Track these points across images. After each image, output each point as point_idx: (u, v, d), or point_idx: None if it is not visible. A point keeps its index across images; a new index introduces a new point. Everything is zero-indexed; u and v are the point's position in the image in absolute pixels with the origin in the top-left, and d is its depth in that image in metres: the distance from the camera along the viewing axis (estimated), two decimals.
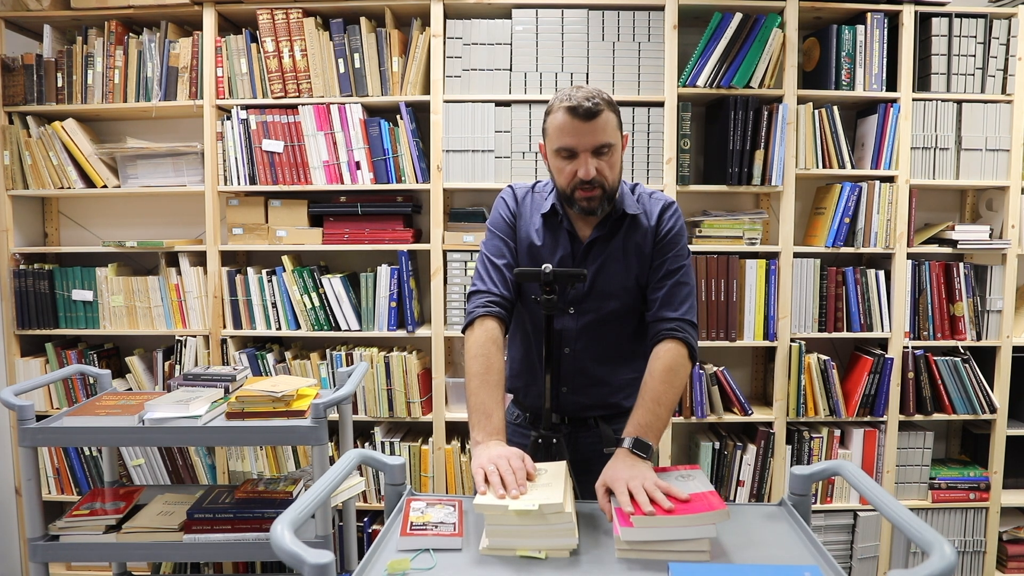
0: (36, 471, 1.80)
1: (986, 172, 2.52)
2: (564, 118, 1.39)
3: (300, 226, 2.55)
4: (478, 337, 1.44)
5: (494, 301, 1.48)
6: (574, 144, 1.39)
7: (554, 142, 1.42)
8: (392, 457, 1.26)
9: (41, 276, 2.56)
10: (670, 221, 1.52)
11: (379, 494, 2.58)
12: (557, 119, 1.40)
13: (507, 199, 1.58)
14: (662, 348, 1.44)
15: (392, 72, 2.46)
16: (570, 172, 1.42)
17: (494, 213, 1.58)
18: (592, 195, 1.42)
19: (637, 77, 2.46)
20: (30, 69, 2.52)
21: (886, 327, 2.53)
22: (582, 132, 1.38)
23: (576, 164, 1.41)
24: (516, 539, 1.10)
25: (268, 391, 1.83)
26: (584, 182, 1.41)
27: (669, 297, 1.47)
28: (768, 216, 2.61)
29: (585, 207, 1.44)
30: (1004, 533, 2.64)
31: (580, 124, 1.38)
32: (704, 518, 1.08)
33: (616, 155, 1.44)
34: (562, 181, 1.45)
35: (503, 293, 1.49)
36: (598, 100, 1.38)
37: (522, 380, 1.61)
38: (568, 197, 1.45)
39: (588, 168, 1.39)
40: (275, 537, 0.88)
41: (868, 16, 2.44)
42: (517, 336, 1.62)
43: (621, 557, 1.09)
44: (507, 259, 1.52)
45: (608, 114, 1.40)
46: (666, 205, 1.54)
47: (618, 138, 1.44)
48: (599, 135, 1.39)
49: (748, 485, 2.55)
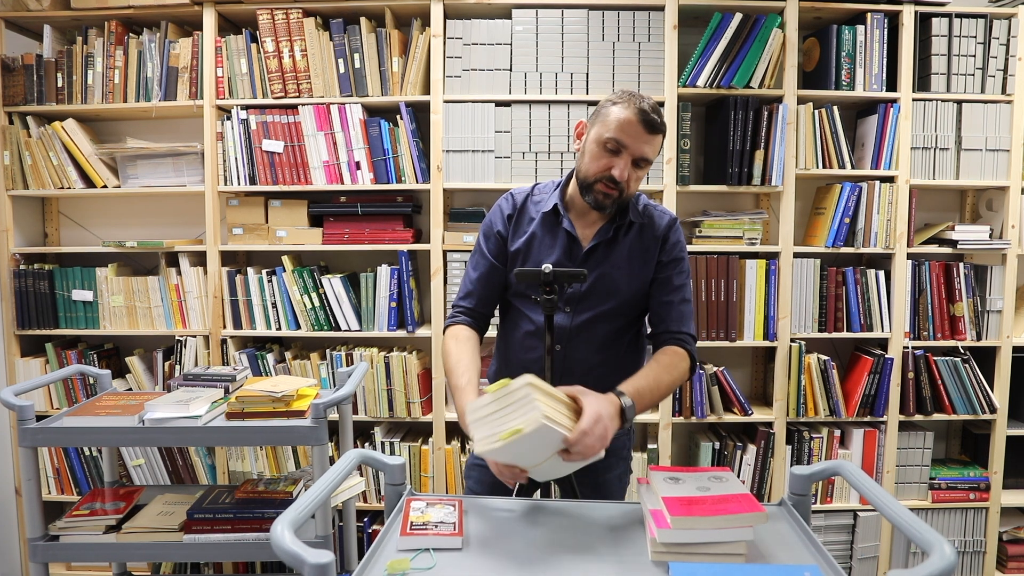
0: (36, 471, 1.80)
1: (986, 172, 2.52)
2: (632, 117, 1.42)
3: (300, 226, 2.55)
4: (444, 340, 1.57)
5: (464, 313, 1.60)
6: (628, 144, 1.44)
7: (609, 131, 1.44)
8: (392, 457, 1.27)
9: (41, 276, 2.56)
10: (675, 236, 1.58)
11: (379, 494, 2.58)
12: (624, 113, 1.43)
13: (504, 208, 1.62)
14: (669, 349, 1.51)
15: (392, 72, 2.46)
16: (605, 165, 1.46)
17: (487, 220, 1.63)
18: (611, 193, 1.47)
19: (637, 77, 2.46)
20: (30, 69, 2.52)
21: (886, 327, 2.53)
22: (640, 138, 1.43)
23: (616, 161, 1.45)
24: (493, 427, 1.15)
25: (268, 391, 1.83)
26: (612, 180, 1.45)
27: (676, 315, 1.54)
28: (768, 216, 2.61)
29: (600, 201, 1.48)
30: (1004, 533, 2.64)
31: (642, 131, 1.43)
32: (741, 519, 1.07)
33: (645, 172, 1.51)
34: (592, 168, 1.47)
35: (471, 307, 1.60)
36: (663, 120, 1.46)
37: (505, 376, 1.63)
38: (588, 185, 1.49)
39: (624, 171, 1.44)
40: (275, 537, 0.87)
41: (868, 16, 2.44)
42: (506, 334, 1.65)
43: (656, 560, 1.08)
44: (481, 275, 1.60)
45: (662, 137, 1.48)
46: (672, 220, 1.59)
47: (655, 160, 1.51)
48: (649, 148, 1.45)
49: (748, 485, 2.55)
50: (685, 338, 1.52)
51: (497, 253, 1.59)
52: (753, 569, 1.03)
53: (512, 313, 1.62)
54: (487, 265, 1.60)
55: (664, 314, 1.54)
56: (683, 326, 1.53)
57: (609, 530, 1.19)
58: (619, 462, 1.64)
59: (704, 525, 1.07)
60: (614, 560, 1.09)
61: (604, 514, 1.26)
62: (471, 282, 1.61)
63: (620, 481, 1.65)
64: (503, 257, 1.59)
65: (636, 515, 1.25)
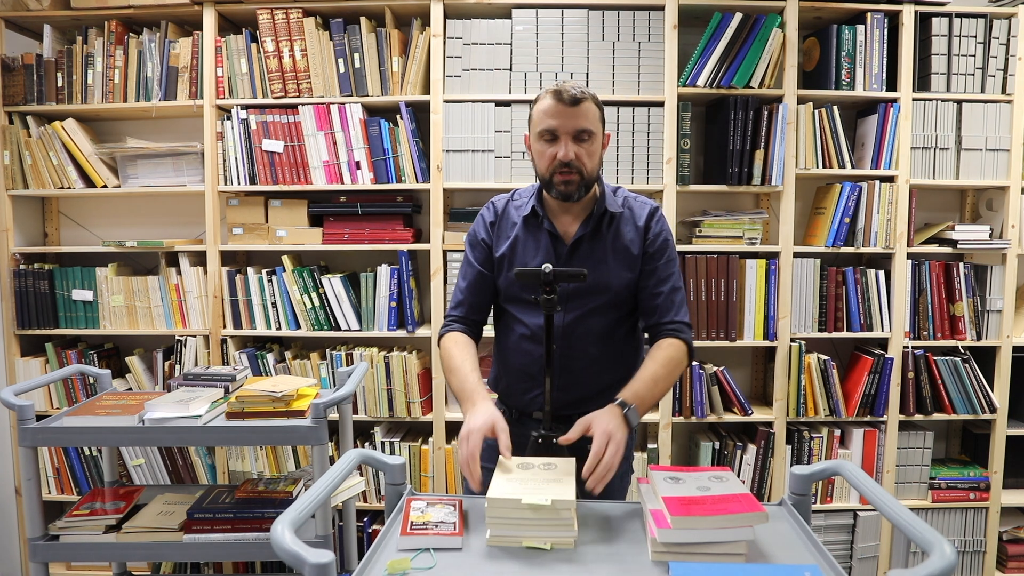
0: (36, 471, 1.80)
1: (986, 172, 2.52)
2: (549, 102, 1.47)
3: (300, 226, 2.55)
4: (441, 347, 1.59)
5: (455, 320, 1.62)
6: (557, 126, 1.46)
7: (538, 125, 1.49)
8: (392, 457, 1.27)
9: (41, 276, 2.56)
10: (658, 226, 1.58)
11: (379, 494, 2.58)
12: (542, 104, 1.49)
13: (486, 216, 1.64)
14: (665, 342, 1.51)
15: (392, 72, 2.46)
16: (551, 155, 1.48)
17: (471, 230, 1.66)
18: (570, 179, 1.48)
19: (637, 77, 2.46)
20: (30, 69, 2.52)
21: (886, 327, 2.53)
22: (565, 116, 1.45)
23: (556, 147, 1.47)
24: (519, 531, 1.12)
25: (268, 391, 1.83)
26: (563, 164, 1.47)
27: (668, 304, 1.55)
28: (768, 216, 2.61)
29: (563, 191, 1.49)
30: (1004, 533, 2.64)
31: (564, 108, 1.45)
32: (742, 519, 1.07)
33: (596, 144, 1.50)
34: (543, 165, 1.51)
35: (463, 315, 1.62)
36: (583, 90, 1.47)
37: (501, 383, 1.67)
38: (547, 182, 1.51)
39: (568, 150, 1.46)
40: (275, 537, 0.88)
41: (868, 16, 2.44)
42: (500, 340, 1.66)
43: (656, 560, 1.08)
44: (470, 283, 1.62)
45: (591, 104, 1.48)
46: (653, 209, 1.60)
47: (599, 129, 1.51)
48: (581, 120, 1.46)
49: (748, 485, 2.55)
50: (679, 327, 1.53)
51: (484, 260, 1.61)
52: (753, 569, 1.03)
53: (505, 318, 1.63)
54: (475, 273, 1.62)
55: (656, 305, 1.55)
56: (676, 315, 1.54)
57: (609, 530, 1.19)
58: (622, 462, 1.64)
59: (704, 525, 1.07)
60: (614, 560, 1.09)
61: (604, 514, 1.26)
62: (461, 291, 1.64)
63: (622, 481, 1.65)
64: (489, 264, 1.61)
65: (636, 515, 1.25)
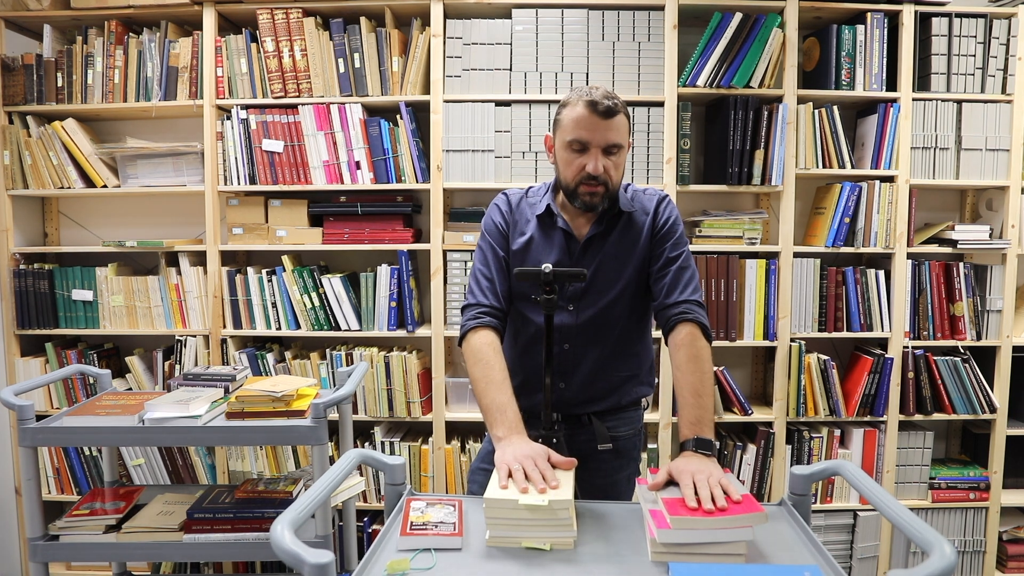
0: (36, 471, 1.80)
1: (986, 172, 2.52)
2: (583, 112, 1.42)
3: (300, 226, 2.55)
4: (474, 345, 1.47)
5: (485, 312, 1.51)
6: (589, 138, 1.43)
7: (568, 134, 1.45)
8: (392, 457, 1.26)
9: (41, 276, 2.56)
10: (666, 212, 1.56)
11: (379, 494, 2.58)
12: (575, 112, 1.44)
13: (500, 205, 1.61)
14: (678, 336, 1.46)
15: (392, 72, 2.46)
16: (579, 166, 1.46)
17: (487, 219, 1.62)
18: (595, 191, 1.46)
19: (637, 77, 2.46)
20: (30, 69, 2.52)
21: (886, 327, 2.53)
22: (598, 128, 1.42)
23: (586, 159, 1.45)
24: (518, 532, 1.11)
25: (268, 391, 1.83)
26: (591, 177, 1.44)
27: (674, 282, 1.51)
28: (768, 216, 2.61)
29: (587, 202, 1.48)
30: (1004, 533, 2.64)
31: (598, 120, 1.42)
32: (741, 520, 1.07)
33: (623, 157, 1.49)
34: (569, 174, 1.48)
35: (493, 304, 1.52)
36: (616, 101, 1.43)
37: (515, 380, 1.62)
38: (571, 191, 1.49)
39: (597, 164, 1.44)
40: (275, 537, 0.87)
41: (868, 16, 2.44)
42: (511, 336, 1.63)
43: (656, 560, 1.07)
44: (496, 269, 1.55)
45: (622, 117, 1.45)
46: (661, 198, 1.58)
47: (627, 141, 1.50)
48: (613, 134, 1.44)
49: (748, 485, 2.55)
50: (691, 307, 1.47)
51: (504, 246, 1.57)
52: (753, 569, 1.03)
53: (514, 316, 1.61)
54: (498, 258, 1.55)
55: (663, 285, 1.51)
56: (686, 293, 1.49)
57: (609, 530, 1.19)
58: (630, 463, 1.64)
59: (704, 525, 1.07)
60: (614, 561, 1.09)
61: (604, 514, 1.26)
62: (486, 278, 1.54)
63: (629, 481, 1.65)
64: (508, 251, 1.57)
65: (636, 515, 1.25)
